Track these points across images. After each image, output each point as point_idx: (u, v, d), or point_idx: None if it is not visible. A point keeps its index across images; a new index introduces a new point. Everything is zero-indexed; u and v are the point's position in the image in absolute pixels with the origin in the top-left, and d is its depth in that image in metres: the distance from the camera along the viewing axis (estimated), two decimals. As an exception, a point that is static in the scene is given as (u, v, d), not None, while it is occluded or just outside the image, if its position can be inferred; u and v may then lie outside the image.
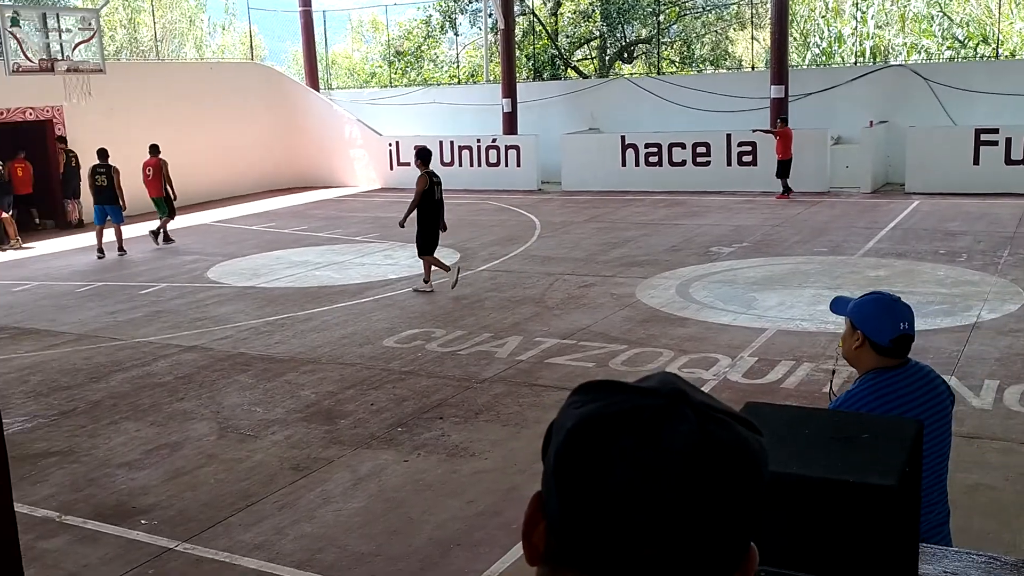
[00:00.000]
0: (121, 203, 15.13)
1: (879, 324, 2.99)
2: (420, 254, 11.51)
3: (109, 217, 15.12)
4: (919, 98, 19.96)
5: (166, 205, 15.98)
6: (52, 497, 6.02)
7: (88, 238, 17.14)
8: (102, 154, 15.23)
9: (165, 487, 6.11)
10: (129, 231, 15.93)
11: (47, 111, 18.72)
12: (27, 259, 15.66)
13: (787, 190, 18.32)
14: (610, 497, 0.79)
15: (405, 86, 29.40)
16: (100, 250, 15.10)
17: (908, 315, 3.00)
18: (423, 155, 11.57)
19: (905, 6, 30.09)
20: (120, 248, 15.19)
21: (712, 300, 10.42)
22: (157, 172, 15.91)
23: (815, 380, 7.59)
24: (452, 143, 22.74)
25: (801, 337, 8.84)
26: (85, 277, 13.63)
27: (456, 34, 33.98)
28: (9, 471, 3.78)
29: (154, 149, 16.08)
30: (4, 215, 16.37)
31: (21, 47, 15.71)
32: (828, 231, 14.50)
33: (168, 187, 15.94)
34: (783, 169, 18.25)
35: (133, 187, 16.00)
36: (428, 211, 11.39)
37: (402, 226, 11.61)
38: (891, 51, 30.04)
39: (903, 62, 26.32)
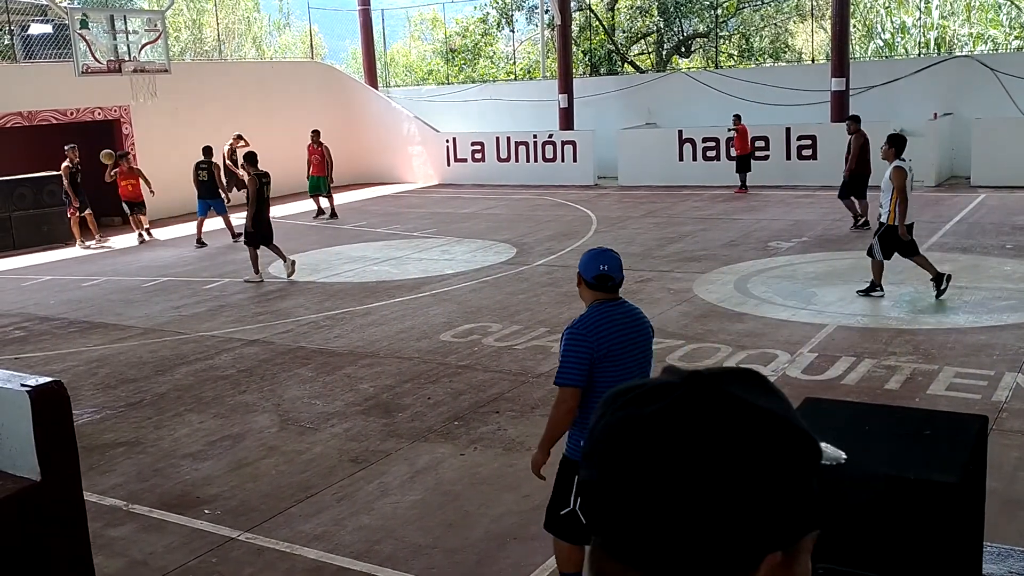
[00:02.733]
0: (224, 196, 16.37)
1: (587, 266, 4.17)
2: (256, 244, 12.58)
3: (212, 209, 16.13)
4: (985, 89, 19.47)
5: (327, 184, 18.47)
6: (120, 486, 6.19)
7: (154, 234, 17.55)
8: (206, 151, 16.42)
9: (228, 478, 6.23)
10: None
11: (115, 111, 19.18)
12: (95, 255, 16.07)
13: (744, 185, 18.79)
14: (641, 488, 0.81)
15: (462, 83, 29.52)
16: (200, 240, 15.91)
17: (609, 261, 4.15)
18: (249, 158, 12.69)
19: (972, -5, 29.39)
20: (234, 236, 15.99)
21: (771, 295, 10.30)
22: (322, 156, 18.29)
23: (876, 376, 7.47)
24: (508, 139, 22.78)
25: (862, 333, 8.70)
26: (151, 272, 13.94)
27: (512, 30, 34.03)
28: (79, 461, 3.89)
29: (317, 134, 18.47)
30: (75, 215, 16.68)
31: (90, 48, 16.11)
32: (891, 226, 14.22)
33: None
34: (742, 164, 18.74)
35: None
36: (258, 207, 12.51)
37: (251, 229, 12.58)
38: (956, 42, 29.35)
39: (969, 53, 25.69)
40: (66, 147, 16.45)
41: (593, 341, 3.98)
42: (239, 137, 18.49)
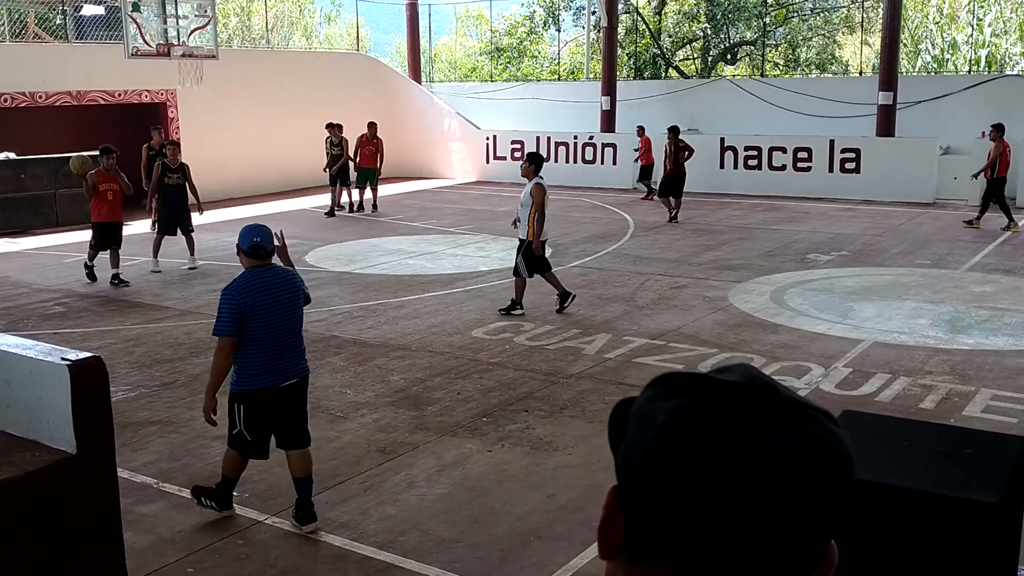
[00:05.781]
0: (340, 171, 18.03)
1: (243, 238, 5.19)
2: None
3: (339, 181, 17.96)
4: (1036, 110, 19.16)
5: (375, 177, 18.69)
6: (151, 464, 6.26)
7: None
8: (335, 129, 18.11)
9: (257, 462, 6.27)
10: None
11: (161, 94, 19.40)
12: (135, 236, 16.24)
13: (651, 191, 19.31)
14: (709, 494, 0.77)
15: (505, 81, 29.54)
16: (344, 206, 18.16)
17: (262, 234, 5.21)
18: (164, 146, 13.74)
19: (1026, 14, 28.92)
20: (351, 209, 18.23)
21: (807, 308, 10.21)
22: (376, 148, 18.63)
23: (911, 395, 7.38)
24: (549, 139, 22.75)
25: (899, 350, 8.60)
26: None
27: (558, 30, 34.00)
28: (114, 437, 3.95)
29: (374, 127, 18.72)
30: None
31: (140, 31, 16.29)
32: (932, 243, 14.06)
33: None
34: (645, 173, 19.96)
35: (257, 167, 16.40)
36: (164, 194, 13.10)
37: (148, 208, 13.79)
38: (1007, 60, 28.91)
39: (1020, 72, 25.29)
40: (152, 129, 16.31)
41: (240, 298, 4.99)
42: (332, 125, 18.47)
